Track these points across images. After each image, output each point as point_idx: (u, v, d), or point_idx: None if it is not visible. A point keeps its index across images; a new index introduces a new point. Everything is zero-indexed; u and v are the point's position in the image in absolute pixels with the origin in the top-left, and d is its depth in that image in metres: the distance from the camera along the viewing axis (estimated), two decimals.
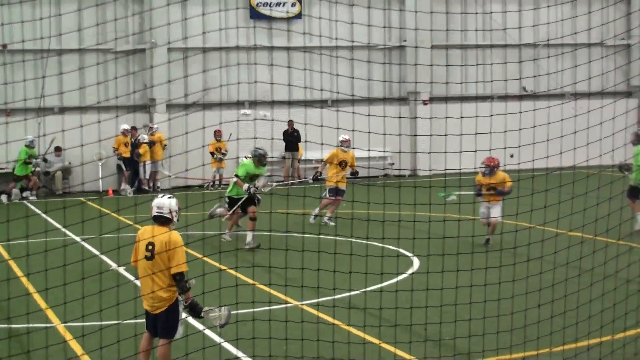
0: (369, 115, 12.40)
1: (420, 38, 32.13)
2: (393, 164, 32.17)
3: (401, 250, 15.99)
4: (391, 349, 10.26)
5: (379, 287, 12.85)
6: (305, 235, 16.88)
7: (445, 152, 11.55)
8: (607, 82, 34.19)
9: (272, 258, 12.35)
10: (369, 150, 18.44)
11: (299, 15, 32.23)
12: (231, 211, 18.30)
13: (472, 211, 14.74)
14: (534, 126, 12.10)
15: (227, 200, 18.46)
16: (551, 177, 12.08)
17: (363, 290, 12.32)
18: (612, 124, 12.54)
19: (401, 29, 32.85)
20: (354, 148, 21.02)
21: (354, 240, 16.61)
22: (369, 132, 12.36)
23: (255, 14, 31.76)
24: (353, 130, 11.78)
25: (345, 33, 30.99)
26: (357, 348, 10.06)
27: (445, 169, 11.36)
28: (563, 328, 10.49)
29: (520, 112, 12.22)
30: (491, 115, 12.71)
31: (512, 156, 18.95)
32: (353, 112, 13.22)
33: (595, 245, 12.40)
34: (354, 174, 21.56)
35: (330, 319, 11.26)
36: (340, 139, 20.98)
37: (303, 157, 31.33)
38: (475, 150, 12.60)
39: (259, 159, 18.19)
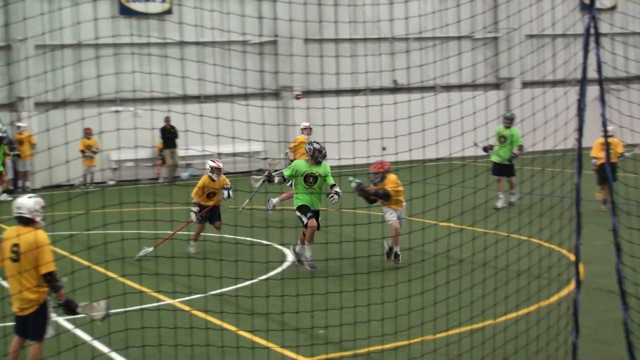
0: (267, 108, 12.30)
1: (294, 31, 32.17)
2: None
3: (273, 244, 15.93)
4: (263, 341, 10.19)
5: (250, 282, 12.82)
6: (181, 233, 16.70)
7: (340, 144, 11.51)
8: (476, 74, 34.89)
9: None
10: (250, 140, 18.07)
11: (169, 11, 31.84)
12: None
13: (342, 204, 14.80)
14: (409, 117, 12.17)
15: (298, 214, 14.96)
16: (428, 167, 12.22)
17: (235, 286, 12.24)
18: (485, 114, 12.73)
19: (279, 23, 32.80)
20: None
21: (225, 236, 16.57)
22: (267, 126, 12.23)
23: (124, 10, 31.24)
24: (226, 119, 11.63)
25: (218, 27, 30.71)
26: (230, 340, 9.97)
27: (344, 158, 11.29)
28: (446, 315, 10.58)
29: (396, 103, 12.27)
30: (379, 107, 12.66)
31: (384, 149, 19.18)
32: (249, 106, 13.07)
33: (474, 234, 12.60)
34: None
35: (200, 314, 11.14)
36: (302, 126, 20.43)
37: (180, 153, 30.60)
38: (338, 141, 12.59)
39: (313, 154, 14.87)
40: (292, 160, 19.95)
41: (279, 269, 14.57)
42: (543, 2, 33.42)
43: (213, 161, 16.98)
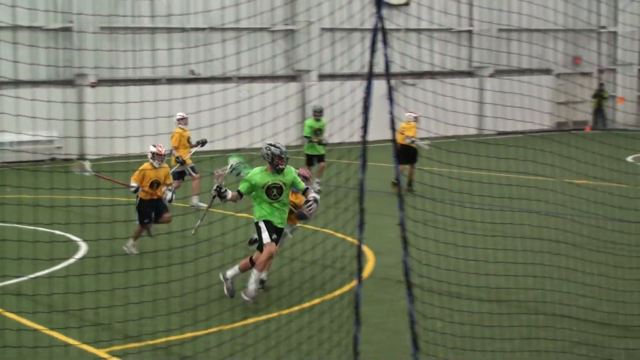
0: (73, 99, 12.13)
1: (88, 19, 31.61)
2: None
3: (69, 236, 15.70)
4: (61, 336, 10.11)
5: (48, 273, 12.66)
6: None
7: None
8: (275, 67, 35.32)
9: None
10: (49, 134, 17.78)
11: None
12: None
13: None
14: (212, 108, 12.39)
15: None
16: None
17: (32, 276, 12.07)
18: (286, 105, 13.05)
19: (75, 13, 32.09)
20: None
21: (21, 226, 16.23)
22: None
23: None
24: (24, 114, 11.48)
25: (7, 14, 29.80)
26: (26, 335, 9.85)
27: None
28: (232, 308, 10.80)
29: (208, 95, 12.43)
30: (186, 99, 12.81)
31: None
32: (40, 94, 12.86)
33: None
34: (204, 144, 18.96)
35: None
36: (178, 116, 18.86)
37: None
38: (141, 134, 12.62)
39: (272, 160, 11.35)
40: (178, 158, 18.81)
41: (73, 261, 14.37)
42: None
43: (155, 146, 14.54)
